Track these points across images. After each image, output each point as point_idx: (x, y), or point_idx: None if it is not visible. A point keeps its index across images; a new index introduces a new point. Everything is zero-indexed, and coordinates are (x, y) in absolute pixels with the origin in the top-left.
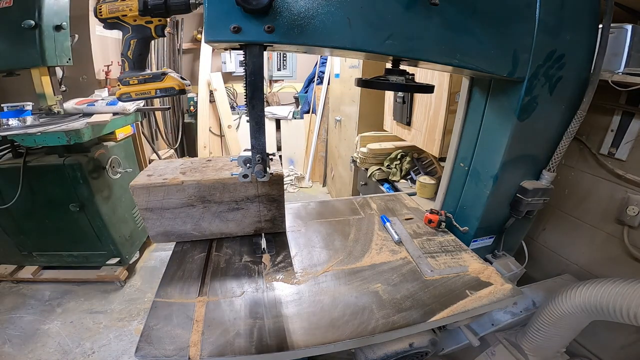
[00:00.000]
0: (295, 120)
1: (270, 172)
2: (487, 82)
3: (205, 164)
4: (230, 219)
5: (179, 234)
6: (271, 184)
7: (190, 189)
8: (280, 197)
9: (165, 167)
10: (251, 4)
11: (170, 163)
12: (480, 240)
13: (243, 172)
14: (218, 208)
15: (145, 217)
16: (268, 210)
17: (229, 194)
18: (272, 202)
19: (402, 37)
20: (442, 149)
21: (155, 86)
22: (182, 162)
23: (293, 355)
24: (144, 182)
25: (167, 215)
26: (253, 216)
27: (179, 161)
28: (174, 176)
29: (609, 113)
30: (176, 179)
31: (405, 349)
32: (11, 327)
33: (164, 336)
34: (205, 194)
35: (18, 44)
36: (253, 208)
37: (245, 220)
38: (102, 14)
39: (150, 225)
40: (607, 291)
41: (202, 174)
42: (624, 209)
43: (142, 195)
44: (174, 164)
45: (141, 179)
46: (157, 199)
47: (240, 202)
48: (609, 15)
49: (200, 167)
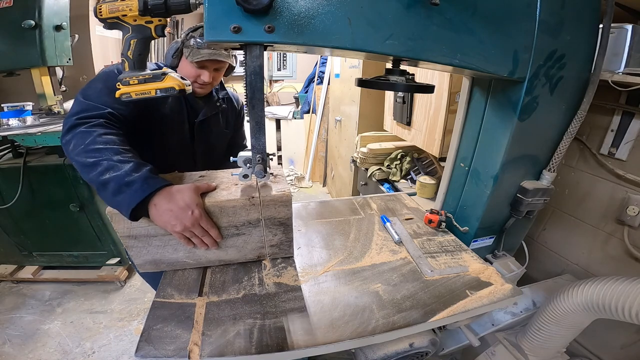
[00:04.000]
0: (295, 120)
1: (271, 172)
2: (487, 82)
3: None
4: (230, 245)
5: (169, 262)
6: (277, 206)
7: None
8: (287, 220)
9: None
10: (251, 4)
11: None
12: (480, 240)
13: (243, 172)
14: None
15: (129, 246)
16: (274, 235)
17: (227, 218)
18: (279, 226)
19: (403, 37)
20: (442, 149)
21: (155, 86)
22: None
23: (293, 355)
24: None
25: (155, 242)
26: (256, 242)
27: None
28: None
29: (609, 113)
30: None
31: (406, 349)
32: (11, 327)
33: (164, 336)
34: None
35: (18, 44)
36: (256, 233)
37: (247, 246)
38: (102, 14)
39: (135, 254)
40: (610, 289)
41: None
42: (624, 209)
43: (122, 222)
44: None
45: None
46: (141, 226)
47: (241, 227)
48: (610, 15)
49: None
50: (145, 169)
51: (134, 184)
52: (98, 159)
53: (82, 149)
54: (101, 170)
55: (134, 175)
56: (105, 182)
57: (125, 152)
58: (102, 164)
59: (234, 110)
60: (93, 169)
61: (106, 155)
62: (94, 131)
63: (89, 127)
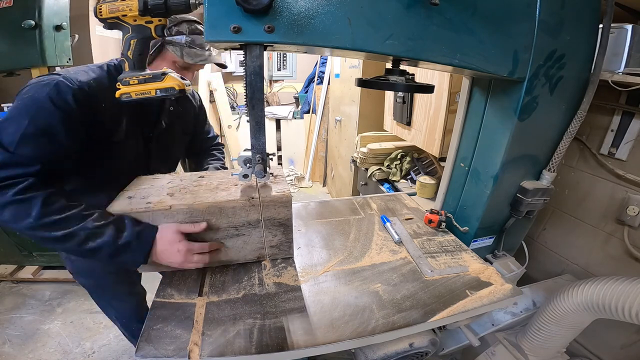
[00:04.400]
0: (295, 120)
1: (271, 172)
2: (487, 82)
3: (197, 182)
4: (229, 246)
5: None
6: (277, 207)
7: (180, 214)
8: (287, 220)
9: (150, 186)
10: (251, 4)
11: (155, 180)
12: (480, 240)
13: (243, 172)
14: (214, 235)
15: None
16: (273, 235)
17: (226, 219)
18: (279, 226)
19: (403, 37)
20: (442, 149)
21: (155, 86)
22: (170, 180)
23: (293, 355)
24: (123, 208)
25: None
26: (256, 243)
27: (167, 178)
28: (159, 199)
29: (609, 113)
30: (163, 203)
31: (406, 349)
32: (11, 327)
33: (164, 336)
34: (198, 219)
35: (18, 44)
36: (256, 234)
37: (246, 247)
38: (102, 14)
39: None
40: (610, 289)
41: (193, 196)
42: (624, 209)
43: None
44: (160, 182)
45: (120, 204)
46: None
47: (240, 227)
48: (610, 15)
49: (191, 186)
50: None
51: (130, 245)
52: (69, 230)
53: (32, 224)
54: (81, 241)
55: (123, 236)
56: (94, 249)
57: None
58: (78, 234)
59: (191, 109)
60: (68, 241)
61: (74, 223)
62: (33, 199)
63: (21, 193)
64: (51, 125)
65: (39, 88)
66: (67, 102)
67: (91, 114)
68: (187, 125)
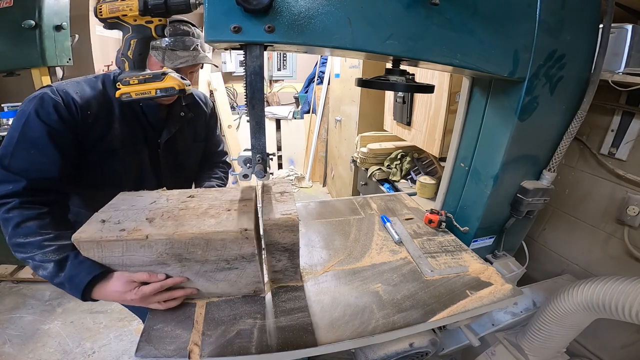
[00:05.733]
0: (295, 120)
1: (271, 172)
2: (487, 82)
3: (184, 204)
4: (221, 279)
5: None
6: (282, 231)
7: (159, 245)
8: (293, 246)
9: (130, 207)
10: (251, 3)
11: (138, 199)
12: (480, 240)
13: (243, 172)
14: (202, 267)
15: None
16: (277, 260)
17: (215, 252)
18: (283, 252)
19: (403, 37)
20: (442, 149)
21: (155, 86)
22: (155, 200)
23: (293, 355)
24: (92, 236)
25: (132, 270)
26: (251, 276)
27: (151, 196)
28: (136, 225)
29: (609, 113)
30: (138, 232)
31: (406, 349)
32: (11, 327)
33: (164, 336)
34: (181, 251)
35: (18, 44)
36: (251, 268)
37: (240, 281)
38: (102, 14)
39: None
40: (610, 289)
41: (176, 223)
42: (624, 209)
43: (92, 250)
44: (143, 202)
45: (90, 230)
46: (114, 255)
47: (232, 261)
48: (610, 15)
49: (176, 209)
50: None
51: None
52: (26, 255)
53: (8, 239)
54: (34, 267)
55: (61, 275)
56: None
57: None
58: (29, 262)
59: (202, 115)
60: (28, 263)
61: (30, 251)
62: (11, 219)
63: (4, 212)
64: (38, 137)
65: (28, 101)
66: (49, 114)
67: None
68: (198, 131)
